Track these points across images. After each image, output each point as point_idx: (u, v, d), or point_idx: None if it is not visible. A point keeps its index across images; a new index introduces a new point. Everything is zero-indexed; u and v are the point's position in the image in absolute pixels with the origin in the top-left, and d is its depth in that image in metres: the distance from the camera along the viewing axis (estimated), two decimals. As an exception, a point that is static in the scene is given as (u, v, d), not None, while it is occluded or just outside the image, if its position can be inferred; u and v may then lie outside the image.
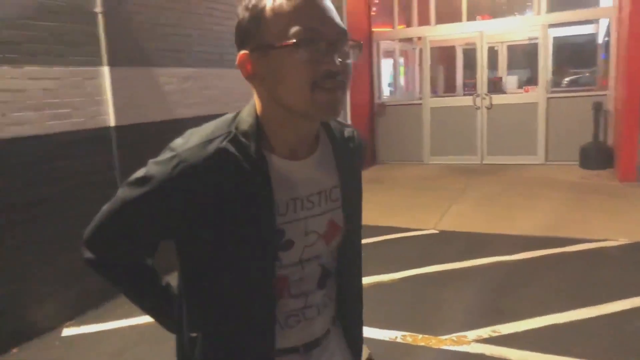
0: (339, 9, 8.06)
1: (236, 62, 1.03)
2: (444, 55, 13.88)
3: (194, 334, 1.12)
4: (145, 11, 4.46)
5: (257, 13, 0.99)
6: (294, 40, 0.96)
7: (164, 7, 4.66)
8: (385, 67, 11.55)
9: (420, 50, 10.84)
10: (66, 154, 3.81)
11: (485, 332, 3.37)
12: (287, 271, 1.10)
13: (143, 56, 4.46)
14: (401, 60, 12.37)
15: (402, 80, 12.69)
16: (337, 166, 1.15)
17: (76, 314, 3.89)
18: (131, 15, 4.32)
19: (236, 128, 1.04)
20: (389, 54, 11.56)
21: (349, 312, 1.28)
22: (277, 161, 1.06)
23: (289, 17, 0.97)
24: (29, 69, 3.55)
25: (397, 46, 11.32)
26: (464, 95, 10.77)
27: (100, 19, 3.99)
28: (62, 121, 3.78)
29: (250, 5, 1.00)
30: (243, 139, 1.03)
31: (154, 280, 1.25)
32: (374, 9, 10.34)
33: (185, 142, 1.02)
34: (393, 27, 10.66)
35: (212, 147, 1.00)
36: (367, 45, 9.86)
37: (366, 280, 4.26)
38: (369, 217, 7.12)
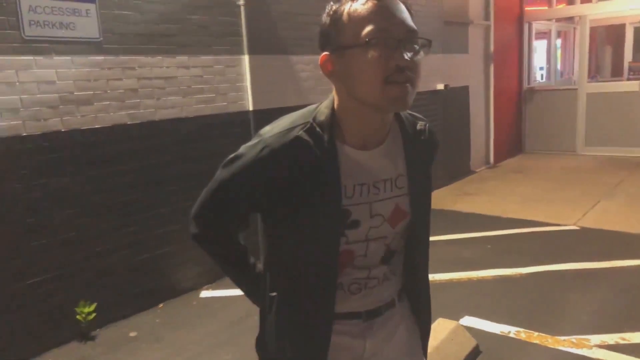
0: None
1: (319, 62, 1.15)
2: (613, 35, 12.47)
3: (273, 294, 1.29)
4: (284, 1, 4.73)
5: (336, 18, 1.11)
6: (367, 40, 1.06)
7: (301, -3, 4.88)
8: (539, 49, 10.75)
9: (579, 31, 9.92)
10: (210, 134, 4.24)
11: (612, 338, 3.11)
12: (353, 246, 1.22)
13: (280, 44, 4.75)
14: (559, 42, 11.42)
15: (558, 64, 11.71)
16: (405, 156, 1.25)
17: (214, 279, 4.35)
18: (270, 6, 4.61)
19: (314, 119, 1.17)
20: (544, 35, 10.74)
21: (414, 289, 1.38)
22: (347, 150, 1.17)
23: (362, 19, 1.07)
24: (180, 58, 4.00)
25: (553, 27, 10.48)
26: (629, 79, 9.62)
27: (242, 11, 4.33)
28: (206, 105, 4.21)
29: (331, 12, 1.13)
30: (318, 129, 1.15)
31: (244, 257, 1.43)
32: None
33: (271, 130, 1.18)
34: (549, 6, 9.90)
35: (290, 135, 1.14)
36: (516, 27, 9.28)
37: (491, 272, 4.19)
38: (507, 208, 6.83)
